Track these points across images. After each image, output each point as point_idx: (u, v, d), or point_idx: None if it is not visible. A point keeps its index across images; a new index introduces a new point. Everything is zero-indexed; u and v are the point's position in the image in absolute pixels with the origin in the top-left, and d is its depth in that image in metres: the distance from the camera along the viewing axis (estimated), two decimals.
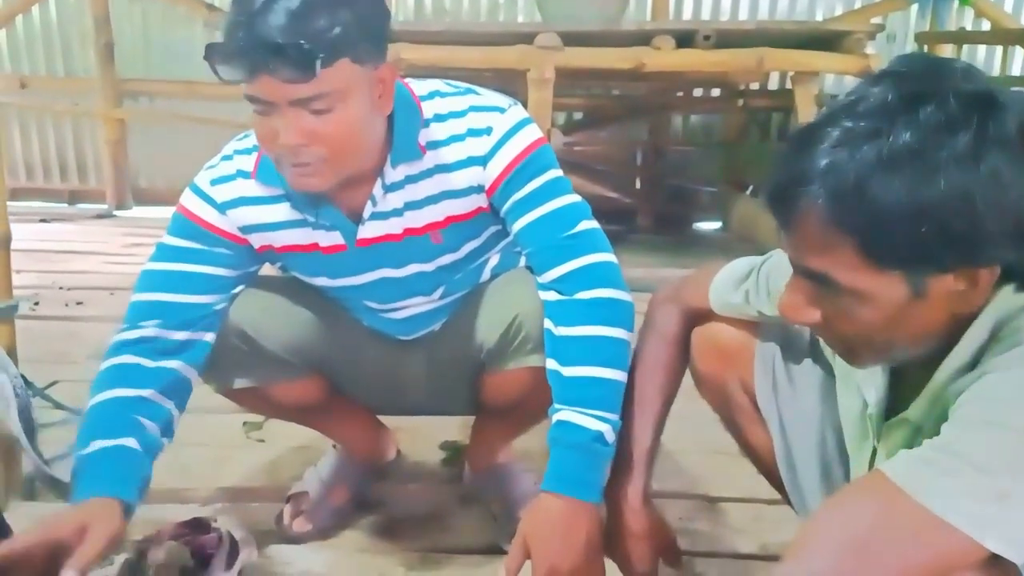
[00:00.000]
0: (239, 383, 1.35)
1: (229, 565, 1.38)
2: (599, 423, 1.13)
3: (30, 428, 1.00)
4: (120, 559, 1.27)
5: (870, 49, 3.17)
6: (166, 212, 1.30)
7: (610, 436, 1.14)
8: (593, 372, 1.15)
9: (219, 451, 1.80)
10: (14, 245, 1.71)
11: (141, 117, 4.45)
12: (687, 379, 1.24)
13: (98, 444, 1.14)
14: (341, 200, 1.24)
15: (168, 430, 1.23)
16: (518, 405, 1.38)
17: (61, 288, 3.03)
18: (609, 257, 1.22)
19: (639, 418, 1.17)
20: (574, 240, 1.22)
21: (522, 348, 1.31)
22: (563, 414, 1.15)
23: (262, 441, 1.88)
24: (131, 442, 1.15)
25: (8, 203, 1.67)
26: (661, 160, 4.45)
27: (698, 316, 1.21)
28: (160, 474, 1.23)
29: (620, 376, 1.17)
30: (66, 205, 4.55)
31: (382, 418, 1.67)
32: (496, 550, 1.48)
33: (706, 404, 1.28)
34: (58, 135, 4.55)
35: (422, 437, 1.85)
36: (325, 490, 1.56)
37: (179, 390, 1.25)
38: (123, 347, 1.23)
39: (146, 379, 1.21)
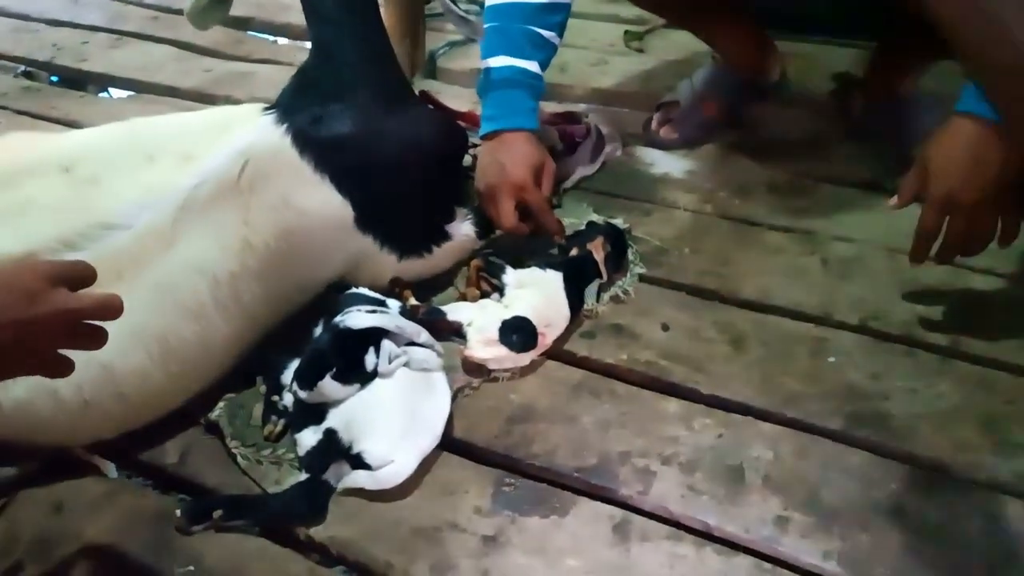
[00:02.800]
0: None
1: (594, 154, 1.42)
2: None
3: None
4: None
5: None
6: None
7: None
8: None
9: (598, 55, 1.77)
10: None
11: None
12: None
13: (504, 61, 1.18)
14: None
15: (563, 31, 1.23)
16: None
17: None
18: None
19: None
20: None
21: None
22: None
23: (641, 51, 1.81)
24: (534, 66, 1.18)
25: None
26: None
27: None
28: None
29: None
30: None
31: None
32: (875, 187, 1.33)
33: None
34: None
35: (812, 64, 1.65)
36: (696, 101, 1.48)
37: None
38: None
39: None
